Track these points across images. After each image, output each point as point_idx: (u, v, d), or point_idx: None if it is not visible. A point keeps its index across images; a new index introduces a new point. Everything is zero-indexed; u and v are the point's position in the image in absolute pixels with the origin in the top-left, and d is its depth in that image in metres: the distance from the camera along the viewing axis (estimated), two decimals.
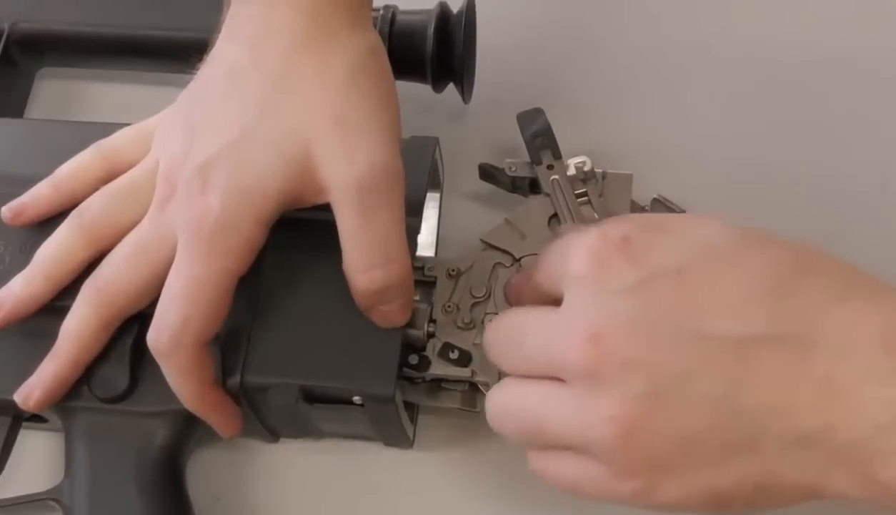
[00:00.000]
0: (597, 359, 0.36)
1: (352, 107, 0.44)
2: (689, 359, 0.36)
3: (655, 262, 0.37)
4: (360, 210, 0.43)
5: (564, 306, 0.38)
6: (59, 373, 0.45)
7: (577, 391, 0.37)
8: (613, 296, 0.37)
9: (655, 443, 0.36)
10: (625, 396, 0.36)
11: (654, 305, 0.36)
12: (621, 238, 0.38)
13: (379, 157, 0.43)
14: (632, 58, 0.59)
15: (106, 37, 0.57)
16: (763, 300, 0.36)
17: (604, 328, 0.36)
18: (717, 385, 0.35)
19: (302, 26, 0.44)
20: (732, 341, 0.36)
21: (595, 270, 0.37)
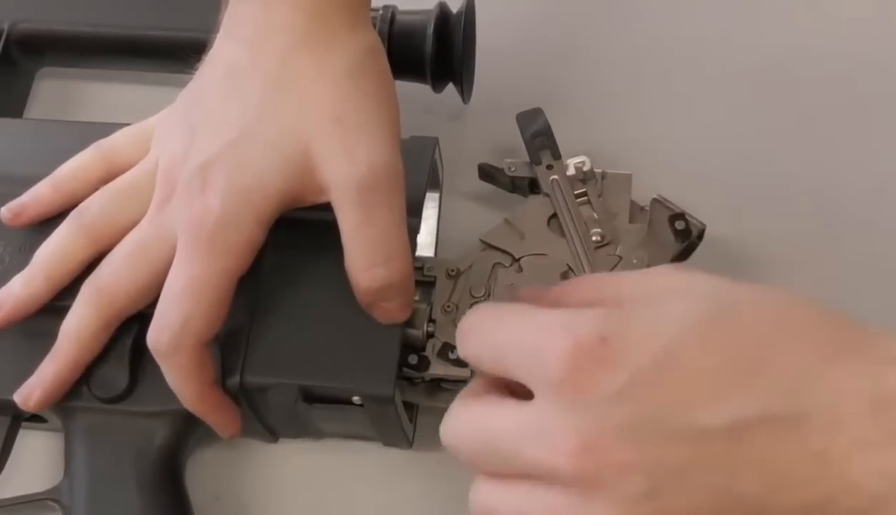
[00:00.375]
0: (591, 469, 0.35)
1: (351, 106, 0.44)
2: (684, 454, 0.35)
3: (635, 360, 0.35)
4: (361, 209, 0.43)
5: (542, 410, 0.36)
6: (59, 373, 0.45)
7: (569, 498, 0.35)
8: (598, 404, 0.35)
9: None
10: (624, 500, 0.35)
11: (641, 406, 0.35)
12: (598, 340, 0.35)
13: (379, 156, 0.43)
14: (631, 58, 0.59)
15: (105, 37, 0.58)
16: (749, 379, 0.35)
17: (593, 437, 0.35)
18: (714, 475, 0.35)
19: (301, 26, 0.44)
20: (724, 429, 0.34)
21: (574, 379, 0.35)
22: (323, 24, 0.45)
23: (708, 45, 0.59)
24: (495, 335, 0.38)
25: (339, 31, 0.45)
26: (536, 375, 0.36)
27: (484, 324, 0.39)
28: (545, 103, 0.52)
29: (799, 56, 0.58)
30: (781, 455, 0.34)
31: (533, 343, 0.37)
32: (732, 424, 0.35)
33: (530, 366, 0.37)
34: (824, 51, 0.58)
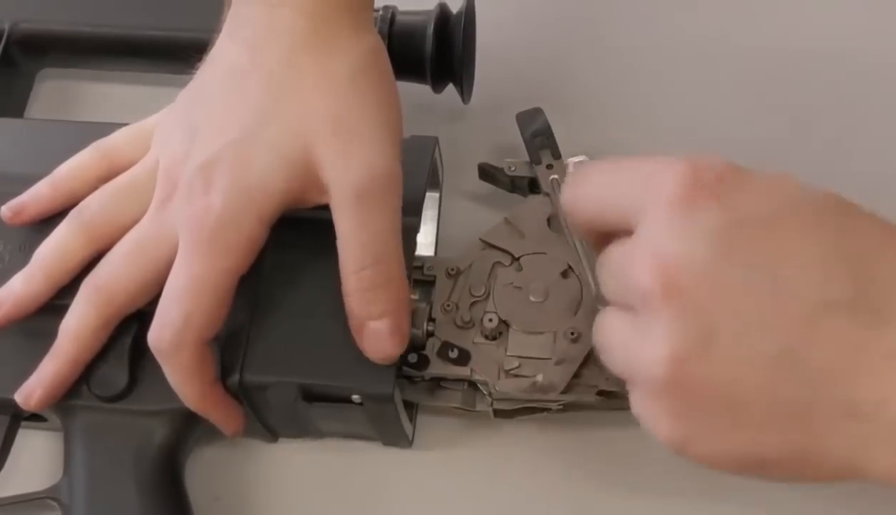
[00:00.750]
0: (661, 291, 0.35)
1: (351, 110, 0.44)
2: (755, 313, 0.35)
3: (745, 207, 0.36)
4: (356, 213, 0.43)
5: (643, 231, 0.37)
6: (59, 372, 0.45)
7: (638, 322, 0.37)
8: (695, 233, 0.35)
9: (699, 392, 0.35)
10: (677, 336, 0.35)
11: (734, 252, 0.35)
12: (715, 175, 0.36)
13: (377, 160, 0.43)
14: (631, 57, 0.59)
15: (106, 37, 0.58)
16: (845, 267, 0.35)
17: (676, 262, 0.35)
18: (777, 345, 0.34)
19: (303, 28, 0.45)
20: (806, 302, 0.34)
21: (682, 202, 0.36)
22: (325, 27, 0.45)
23: (708, 45, 0.59)
24: (618, 166, 0.39)
25: (341, 34, 0.45)
26: (643, 203, 0.37)
27: (602, 163, 0.41)
28: (545, 103, 0.52)
29: (800, 57, 0.58)
30: (852, 344, 0.34)
31: (648, 172, 0.37)
32: (816, 300, 0.34)
33: (638, 196, 0.37)
34: (825, 51, 0.58)
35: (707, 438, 0.36)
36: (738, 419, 0.35)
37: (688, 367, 0.35)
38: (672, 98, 0.58)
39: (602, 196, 0.40)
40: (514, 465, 0.49)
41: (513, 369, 0.46)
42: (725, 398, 0.35)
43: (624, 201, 0.38)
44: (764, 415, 0.35)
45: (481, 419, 0.48)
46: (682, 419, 0.36)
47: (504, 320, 0.47)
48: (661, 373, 0.35)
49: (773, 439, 0.35)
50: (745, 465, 0.37)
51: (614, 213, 0.38)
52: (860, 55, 0.58)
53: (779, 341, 0.35)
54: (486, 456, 0.49)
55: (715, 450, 0.36)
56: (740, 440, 0.36)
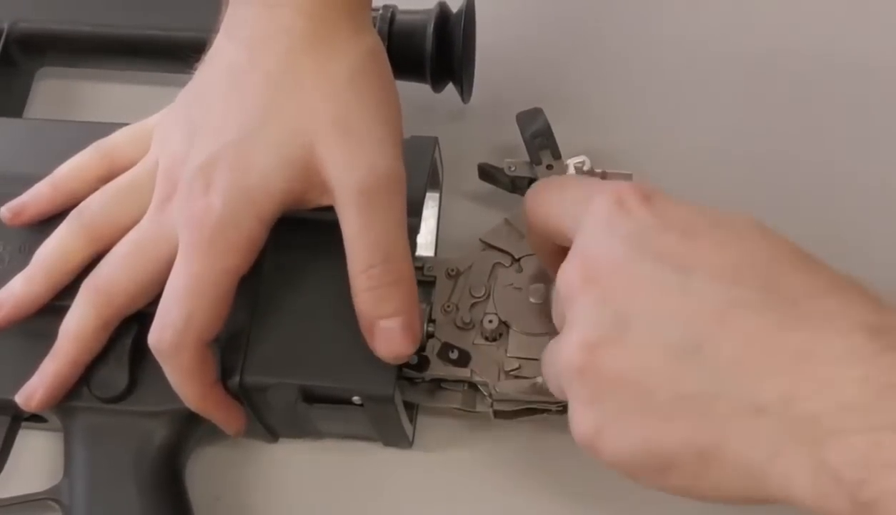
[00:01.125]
0: (578, 282, 0.37)
1: (351, 110, 0.44)
2: (666, 305, 0.36)
3: (667, 218, 0.38)
4: (363, 213, 0.43)
5: (576, 240, 0.39)
6: (60, 373, 0.45)
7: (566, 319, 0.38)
8: (617, 236, 0.38)
9: (609, 377, 0.36)
10: (591, 323, 0.37)
11: (650, 251, 0.37)
12: (646, 194, 0.39)
13: (379, 160, 0.43)
14: (631, 57, 0.59)
15: (105, 36, 0.57)
16: (756, 274, 0.36)
17: (596, 258, 0.38)
18: (684, 336, 0.35)
19: (302, 28, 0.45)
20: (715, 300, 0.35)
21: (612, 214, 0.38)
22: (324, 28, 0.45)
23: (709, 45, 0.59)
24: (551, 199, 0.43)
25: (340, 35, 0.45)
26: (577, 224, 0.40)
27: (550, 183, 0.44)
28: (545, 103, 0.52)
29: (800, 55, 0.58)
30: (760, 340, 0.34)
31: (581, 198, 0.40)
32: (724, 300, 0.35)
33: (573, 217, 0.40)
34: (825, 50, 0.58)
35: (614, 429, 0.36)
36: (645, 408, 0.36)
37: (599, 351, 0.36)
38: (672, 99, 0.58)
39: (548, 212, 0.42)
40: (514, 466, 0.49)
41: (513, 370, 0.46)
42: (633, 385, 0.36)
43: (566, 219, 0.41)
44: (669, 405, 0.35)
45: (481, 420, 0.48)
46: (594, 406, 0.37)
47: (504, 322, 0.47)
48: (577, 358, 0.37)
49: (677, 431, 0.35)
50: (649, 462, 0.36)
51: (557, 228, 0.41)
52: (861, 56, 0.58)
53: (686, 332, 0.35)
54: (486, 457, 0.49)
55: (621, 444, 0.36)
56: (645, 432, 0.36)
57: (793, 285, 0.35)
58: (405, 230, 0.44)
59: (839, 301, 0.35)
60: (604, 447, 0.37)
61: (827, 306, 0.35)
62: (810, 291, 0.35)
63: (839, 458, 0.32)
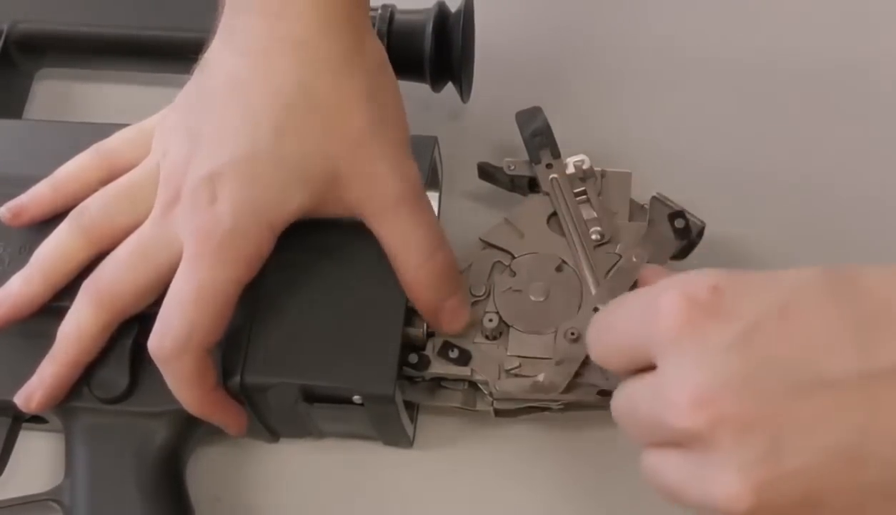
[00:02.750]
0: (705, 425, 0.34)
1: (372, 125, 0.44)
2: (810, 409, 0.33)
3: (753, 308, 0.35)
4: (404, 218, 0.44)
5: (663, 371, 0.36)
6: (59, 374, 0.45)
7: (690, 459, 0.35)
8: (715, 354, 0.34)
9: (785, 507, 0.34)
10: (744, 463, 0.33)
11: (762, 355, 0.34)
12: (710, 289, 0.35)
13: (405, 167, 0.45)
14: (630, 56, 0.59)
15: (105, 37, 0.57)
16: (876, 331, 0.34)
17: (710, 390, 0.34)
18: (844, 434, 0.33)
19: (309, 41, 0.45)
20: (854, 380, 0.33)
21: (689, 329, 0.35)
22: (331, 40, 0.45)
23: (707, 43, 0.59)
24: (611, 323, 0.39)
25: (349, 49, 0.45)
26: (654, 341, 0.36)
27: (599, 320, 0.41)
28: (544, 102, 0.52)
29: (799, 56, 0.58)
30: None
31: (644, 309, 0.37)
32: (863, 374, 0.33)
33: (647, 334, 0.36)
34: (824, 51, 0.58)
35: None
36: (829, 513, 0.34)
37: (767, 490, 0.33)
38: (671, 97, 0.58)
39: (617, 354, 0.39)
40: (514, 465, 0.49)
41: (513, 368, 0.46)
42: (813, 502, 0.34)
43: (637, 353, 0.37)
44: (856, 505, 0.34)
45: (482, 418, 0.48)
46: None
47: (504, 320, 0.47)
48: (745, 508, 0.34)
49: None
50: None
51: (634, 362, 0.38)
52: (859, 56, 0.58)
53: (843, 428, 0.33)
54: (486, 456, 0.49)
55: None
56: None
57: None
58: (436, 218, 0.46)
59: None
60: None
61: None
62: None
63: None
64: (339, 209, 0.45)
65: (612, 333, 0.39)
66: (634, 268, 0.47)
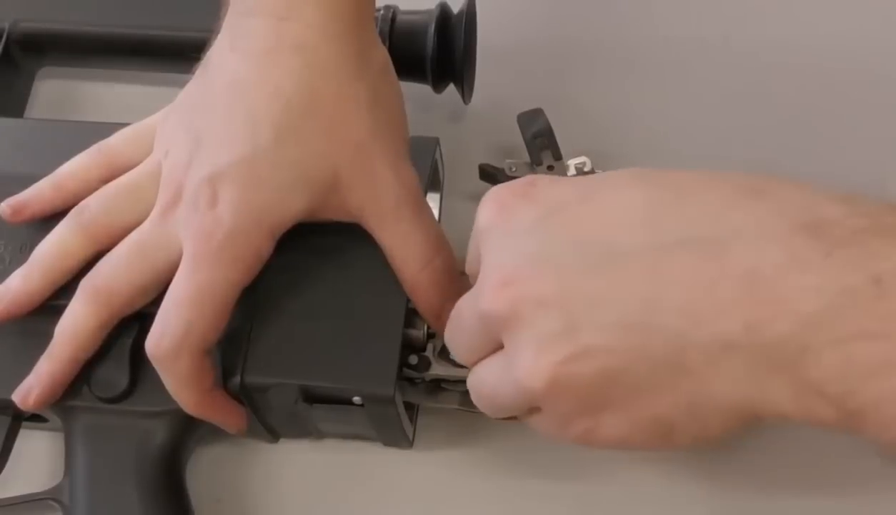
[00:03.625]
0: (508, 303, 0.35)
1: (374, 130, 0.45)
2: (601, 285, 0.34)
3: (557, 196, 0.37)
4: (404, 221, 0.44)
5: (482, 264, 0.38)
6: (56, 372, 0.45)
7: (505, 353, 0.36)
8: (518, 236, 0.36)
9: (583, 383, 0.35)
10: (541, 340, 0.35)
11: (558, 236, 0.36)
12: (526, 182, 0.38)
13: (404, 170, 0.45)
14: (632, 58, 0.59)
15: (106, 36, 0.58)
16: (669, 209, 0.35)
17: (512, 269, 0.36)
18: (631, 306, 0.34)
19: (315, 46, 0.45)
20: (641, 254, 0.34)
21: (500, 216, 0.37)
22: (337, 44, 0.45)
23: (709, 45, 0.59)
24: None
25: (353, 53, 0.45)
26: (476, 238, 0.38)
27: None
28: (546, 104, 0.52)
29: (799, 55, 0.58)
30: (702, 279, 0.33)
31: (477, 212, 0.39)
32: (650, 248, 0.34)
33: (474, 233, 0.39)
34: (824, 50, 0.58)
35: (608, 421, 0.36)
36: (627, 392, 0.35)
37: (563, 369, 0.35)
38: (673, 98, 0.58)
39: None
40: (514, 465, 0.49)
41: None
42: (607, 378, 0.35)
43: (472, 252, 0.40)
44: (647, 379, 0.35)
45: (482, 419, 0.48)
46: (580, 415, 0.36)
47: None
48: (542, 384, 0.35)
49: (665, 399, 0.35)
50: (652, 434, 0.36)
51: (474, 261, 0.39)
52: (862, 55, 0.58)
53: (631, 301, 0.34)
54: (486, 457, 0.49)
55: (620, 430, 0.36)
56: (637, 411, 0.35)
57: (708, 205, 0.34)
58: (437, 221, 0.46)
59: (767, 206, 0.34)
60: (602, 442, 0.37)
61: (752, 212, 0.34)
62: (728, 201, 0.34)
63: (817, 376, 0.32)
64: (339, 213, 0.45)
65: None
66: None
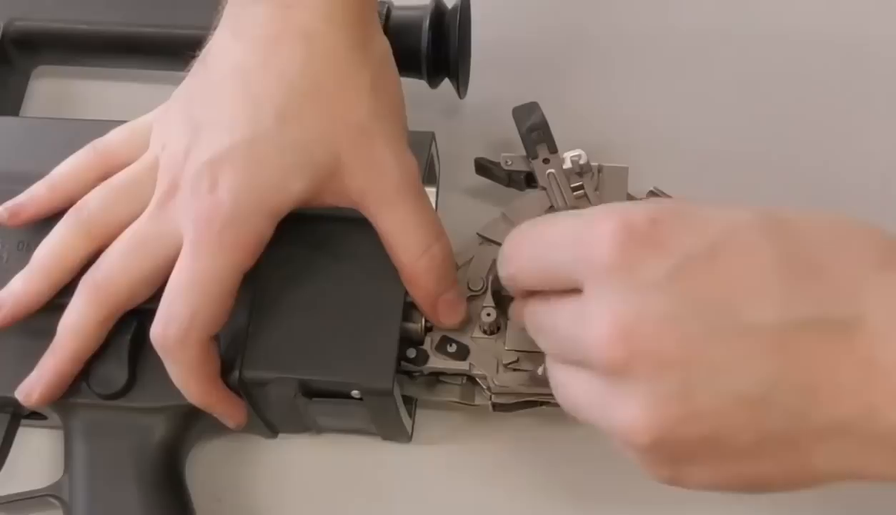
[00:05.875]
0: (625, 358, 0.34)
1: (375, 116, 0.45)
2: (725, 354, 0.34)
3: (686, 245, 0.35)
4: (402, 207, 0.44)
5: (590, 298, 0.36)
6: (59, 369, 0.45)
7: (605, 386, 0.36)
8: (643, 289, 0.35)
9: (684, 443, 0.35)
10: (653, 398, 0.34)
11: (687, 295, 0.34)
12: (649, 221, 0.35)
13: (403, 156, 0.45)
14: (627, 51, 0.59)
15: (102, 35, 0.57)
16: (802, 281, 0.34)
17: (633, 325, 0.34)
18: (753, 382, 0.34)
19: (319, 33, 0.45)
20: (772, 328, 0.34)
21: (622, 260, 0.35)
22: (342, 32, 0.45)
23: (704, 38, 0.59)
24: (540, 238, 0.39)
25: (357, 40, 0.45)
26: (582, 263, 0.36)
27: (527, 233, 0.40)
28: (541, 97, 0.52)
29: (798, 49, 0.58)
30: (826, 361, 0.33)
31: (579, 232, 0.37)
32: (781, 324, 0.34)
33: (576, 256, 0.36)
34: (824, 44, 0.58)
35: (698, 473, 0.36)
36: (726, 455, 0.35)
37: (670, 430, 0.34)
38: (667, 91, 0.58)
39: (538, 270, 0.39)
40: (513, 459, 0.49)
41: (511, 363, 0.46)
42: (712, 442, 0.35)
43: (561, 272, 0.38)
44: (753, 448, 0.35)
45: (480, 413, 0.48)
46: (670, 466, 0.36)
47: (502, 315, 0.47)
48: (645, 440, 0.35)
49: (765, 466, 0.35)
50: (741, 489, 0.37)
51: (555, 281, 0.38)
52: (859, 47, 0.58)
53: (754, 375, 0.34)
54: (485, 450, 0.49)
55: (707, 481, 0.36)
56: (731, 471, 0.36)
57: (838, 280, 0.34)
58: (435, 210, 0.46)
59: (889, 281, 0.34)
60: (689, 485, 0.36)
61: (878, 293, 0.34)
62: (857, 277, 0.34)
63: None
64: (339, 198, 0.45)
65: (537, 250, 0.39)
66: None
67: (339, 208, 0.45)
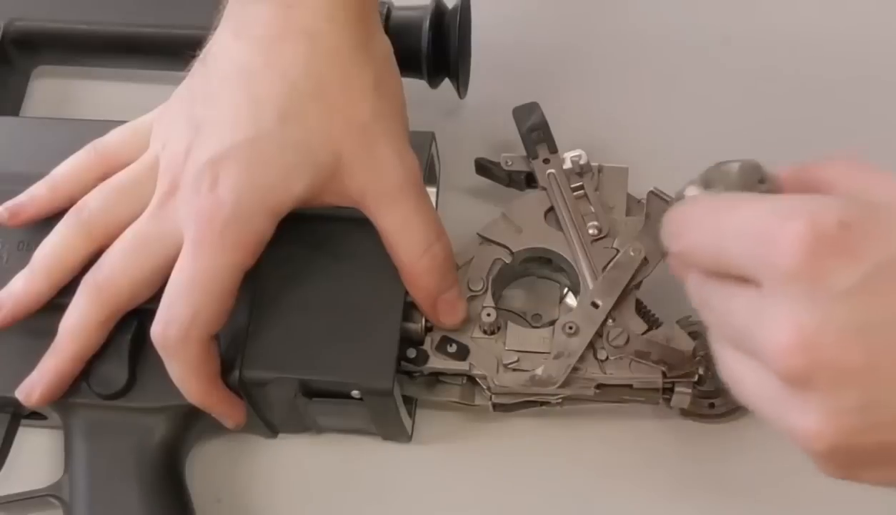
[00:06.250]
0: (805, 369, 0.33)
1: (378, 115, 0.45)
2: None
3: (876, 252, 0.33)
4: (403, 206, 0.45)
5: (771, 297, 0.34)
6: (60, 369, 0.45)
7: (782, 389, 0.34)
8: (829, 299, 0.33)
9: (862, 453, 0.34)
10: (833, 410, 0.33)
11: (876, 306, 0.32)
12: (838, 226, 0.33)
13: (405, 155, 0.45)
14: (627, 51, 0.59)
15: (102, 35, 0.57)
16: None
17: (815, 335, 0.33)
18: None
19: (322, 32, 0.45)
20: None
21: (809, 269, 0.33)
22: (344, 32, 0.45)
23: (705, 38, 0.59)
24: (719, 223, 0.36)
25: (359, 40, 0.45)
26: (765, 263, 0.34)
27: (703, 214, 0.37)
28: (541, 97, 0.52)
29: (798, 50, 0.58)
30: None
31: (763, 228, 0.34)
32: None
33: (759, 253, 0.34)
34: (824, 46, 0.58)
35: (875, 475, 0.35)
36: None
37: (847, 440, 0.33)
38: (668, 92, 0.58)
39: (713, 255, 0.37)
40: (513, 459, 0.49)
41: (511, 363, 0.46)
42: (889, 449, 0.34)
43: (739, 261, 0.35)
44: None
45: (480, 413, 0.48)
46: (846, 470, 0.35)
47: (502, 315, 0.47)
48: (822, 448, 0.34)
49: None
50: None
51: (731, 269, 0.36)
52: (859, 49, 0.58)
53: None
54: (485, 450, 0.49)
55: (884, 481, 0.35)
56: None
57: None
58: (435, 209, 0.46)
59: None
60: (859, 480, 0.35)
61: None
62: None
63: None
64: (340, 197, 0.45)
65: (714, 237, 0.37)
66: (632, 262, 0.47)
67: (339, 208, 0.45)
